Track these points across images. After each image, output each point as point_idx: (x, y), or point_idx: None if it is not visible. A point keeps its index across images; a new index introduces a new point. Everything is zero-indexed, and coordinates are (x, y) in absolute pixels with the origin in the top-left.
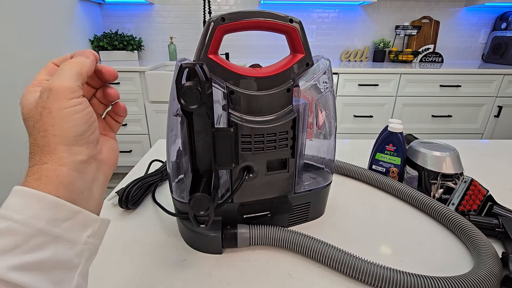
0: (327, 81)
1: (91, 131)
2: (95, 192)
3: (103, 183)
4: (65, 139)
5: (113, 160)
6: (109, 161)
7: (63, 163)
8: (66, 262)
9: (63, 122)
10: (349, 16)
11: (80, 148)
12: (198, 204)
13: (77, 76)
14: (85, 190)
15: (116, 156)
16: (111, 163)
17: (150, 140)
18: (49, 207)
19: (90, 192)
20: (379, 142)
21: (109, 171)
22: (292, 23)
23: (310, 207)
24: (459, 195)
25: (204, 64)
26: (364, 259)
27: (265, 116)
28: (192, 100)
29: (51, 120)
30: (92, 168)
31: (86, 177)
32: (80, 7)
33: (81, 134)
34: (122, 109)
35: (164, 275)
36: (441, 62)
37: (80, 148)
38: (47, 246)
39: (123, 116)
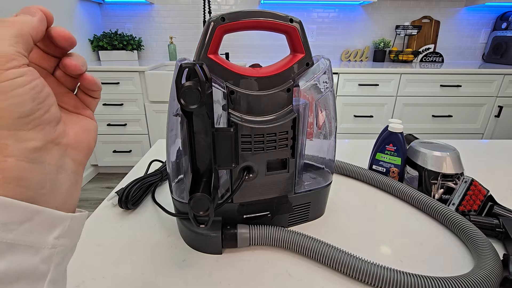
0: (327, 81)
1: (44, 110)
2: (63, 184)
3: (75, 171)
4: (6, 122)
5: (86, 143)
6: (79, 145)
7: (8, 153)
8: (31, 272)
9: (0, 100)
10: (349, 16)
11: (30, 132)
12: (198, 204)
13: (16, 39)
14: (47, 184)
15: (90, 137)
16: (82, 147)
17: (150, 140)
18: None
19: (55, 185)
20: (379, 142)
21: (80, 156)
22: (292, 23)
23: (310, 207)
24: (459, 195)
25: (204, 64)
26: (364, 259)
27: (265, 116)
28: (192, 100)
29: None
30: (53, 156)
31: (45, 168)
32: (80, 7)
33: (29, 114)
34: (90, 82)
35: (164, 275)
36: (442, 62)
37: (30, 132)
38: (2, 256)
39: (96, 90)
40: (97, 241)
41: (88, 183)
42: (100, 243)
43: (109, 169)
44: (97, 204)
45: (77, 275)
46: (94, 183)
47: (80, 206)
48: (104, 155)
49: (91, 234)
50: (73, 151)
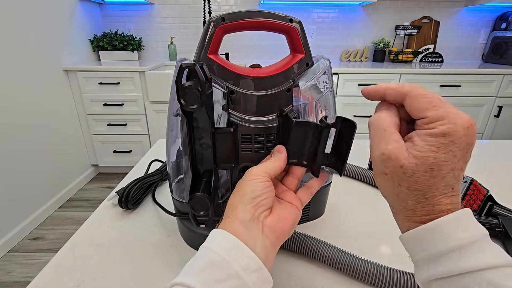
0: (327, 81)
1: (263, 198)
2: (260, 252)
3: (269, 249)
4: (245, 199)
5: (279, 228)
6: (273, 228)
7: (236, 216)
8: None
9: (246, 187)
10: (349, 16)
11: (250, 207)
12: (198, 204)
13: (266, 171)
14: (252, 247)
15: (285, 223)
16: (275, 230)
17: (150, 140)
18: (244, 256)
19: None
20: None
21: (272, 237)
22: (292, 23)
23: (310, 207)
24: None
25: (204, 64)
26: (364, 259)
27: (265, 116)
28: (192, 100)
29: (240, 185)
30: (256, 228)
31: (251, 234)
32: (80, 7)
33: (255, 197)
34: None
35: (164, 275)
36: (441, 62)
37: (250, 207)
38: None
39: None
40: (97, 241)
41: (88, 183)
42: (100, 243)
43: (109, 169)
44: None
45: (77, 275)
46: (94, 183)
47: (80, 206)
48: (104, 155)
49: (91, 234)
50: (268, 230)
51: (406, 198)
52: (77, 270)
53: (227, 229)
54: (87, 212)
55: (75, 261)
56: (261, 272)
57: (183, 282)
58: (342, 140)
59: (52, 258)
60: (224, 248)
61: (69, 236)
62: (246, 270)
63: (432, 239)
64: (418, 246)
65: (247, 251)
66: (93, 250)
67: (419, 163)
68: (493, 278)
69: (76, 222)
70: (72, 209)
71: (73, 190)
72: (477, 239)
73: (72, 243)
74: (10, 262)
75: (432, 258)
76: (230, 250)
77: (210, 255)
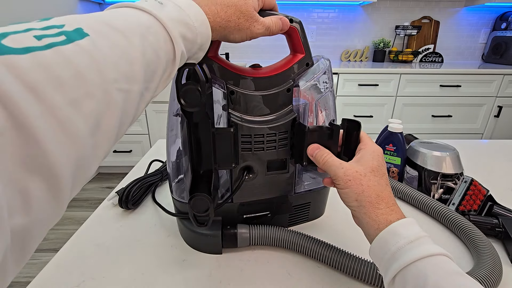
0: (327, 81)
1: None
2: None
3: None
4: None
5: None
6: None
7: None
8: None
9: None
10: (349, 16)
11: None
12: (198, 204)
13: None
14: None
15: None
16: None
17: (150, 140)
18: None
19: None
20: (379, 142)
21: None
22: (292, 23)
23: (310, 207)
24: (459, 195)
25: (204, 64)
26: (364, 259)
27: (265, 116)
28: (192, 100)
29: None
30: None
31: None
32: (80, 7)
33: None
34: None
35: (164, 275)
36: (441, 62)
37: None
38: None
39: None
40: (97, 241)
41: (88, 183)
42: (100, 243)
43: (109, 169)
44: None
45: (77, 275)
46: (94, 183)
47: (80, 206)
48: None
49: (91, 234)
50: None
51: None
52: (77, 270)
53: None
54: (87, 212)
55: (75, 261)
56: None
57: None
58: (350, 139)
59: (52, 258)
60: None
61: (69, 236)
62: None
63: (390, 240)
64: (383, 250)
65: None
66: (93, 250)
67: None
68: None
69: (76, 222)
70: (72, 209)
71: None
72: (422, 236)
73: (72, 243)
74: None
75: (393, 257)
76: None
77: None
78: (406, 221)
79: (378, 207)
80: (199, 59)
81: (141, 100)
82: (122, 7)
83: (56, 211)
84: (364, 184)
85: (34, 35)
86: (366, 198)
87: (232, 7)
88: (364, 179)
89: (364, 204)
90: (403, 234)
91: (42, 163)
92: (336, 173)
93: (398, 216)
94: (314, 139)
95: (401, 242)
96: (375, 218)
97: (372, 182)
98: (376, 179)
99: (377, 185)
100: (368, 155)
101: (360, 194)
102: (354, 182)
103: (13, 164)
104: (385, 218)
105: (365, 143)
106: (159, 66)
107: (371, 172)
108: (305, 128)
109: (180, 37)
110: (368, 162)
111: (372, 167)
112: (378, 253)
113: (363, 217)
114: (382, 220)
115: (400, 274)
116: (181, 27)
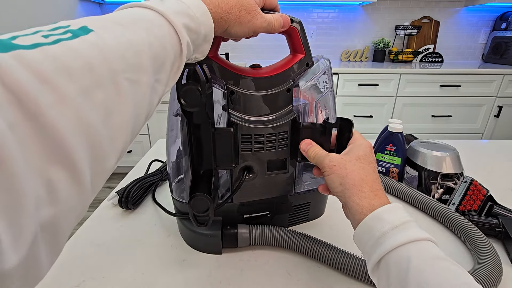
0: (327, 81)
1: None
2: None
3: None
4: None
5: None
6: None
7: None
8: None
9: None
10: (349, 16)
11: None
12: (198, 204)
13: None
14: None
15: None
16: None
17: (150, 140)
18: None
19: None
20: (379, 142)
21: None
22: (292, 23)
23: (310, 207)
24: (459, 195)
25: (205, 64)
26: (364, 258)
27: (265, 116)
28: (192, 100)
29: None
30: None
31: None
32: (80, 7)
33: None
34: None
35: (164, 275)
36: (441, 62)
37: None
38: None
39: None
40: (97, 241)
41: None
42: (100, 243)
43: None
44: (97, 204)
45: (77, 275)
46: None
47: None
48: None
49: (91, 234)
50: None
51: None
52: (77, 270)
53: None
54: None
55: (75, 261)
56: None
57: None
58: (343, 136)
59: None
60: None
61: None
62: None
63: (375, 225)
64: (367, 235)
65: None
66: (93, 250)
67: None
68: (412, 249)
69: None
70: None
71: None
72: (407, 221)
73: (72, 243)
74: None
75: (377, 242)
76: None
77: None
78: (391, 206)
79: (361, 190)
80: (205, 53)
81: (153, 92)
82: (125, 9)
83: (82, 202)
84: (348, 168)
85: (42, 35)
86: (349, 181)
87: (233, 0)
88: (348, 164)
89: (347, 187)
90: (387, 219)
91: (61, 152)
92: (323, 161)
93: (381, 201)
94: (308, 136)
95: (386, 227)
96: (358, 202)
97: (357, 167)
98: (361, 165)
99: (361, 170)
100: (355, 147)
101: (344, 178)
102: (338, 167)
103: (34, 156)
104: (368, 202)
105: (354, 138)
106: (167, 58)
107: (357, 160)
108: (300, 125)
109: (183, 28)
110: (355, 153)
111: (358, 156)
112: (362, 239)
113: (348, 201)
114: (365, 204)
115: (384, 260)
116: (183, 18)
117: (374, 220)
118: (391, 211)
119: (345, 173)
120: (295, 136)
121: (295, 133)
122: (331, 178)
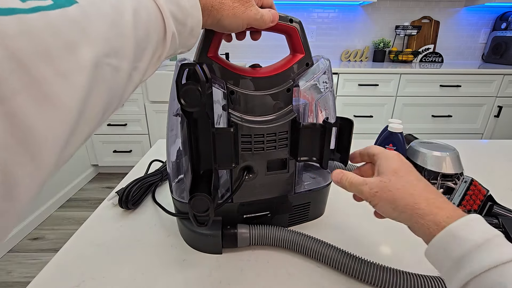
0: (327, 81)
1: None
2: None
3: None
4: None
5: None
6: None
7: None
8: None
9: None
10: (349, 16)
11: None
12: (198, 204)
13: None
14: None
15: None
16: None
17: (150, 140)
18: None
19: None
20: (379, 142)
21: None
22: (292, 23)
23: (310, 207)
24: (459, 195)
25: (204, 64)
26: (364, 259)
27: (265, 116)
28: (192, 100)
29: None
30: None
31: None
32: None
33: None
34: None
35: (164, 275)
36: (441, 62)
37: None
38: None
39: None
40: (97, 241)
41: (88, 183)
42: (100, 243)
43: (109, 169)
44: (97, 204)
45: (77, 275)
46: (94, 183)
47: (80, 206)
48: (104, 155)
49: (91, 234)
50: None
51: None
52: (77, 270)
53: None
54: (87, 212)
55: (75, 261)
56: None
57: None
58: (343, 136)
59: (52, 258)
60: None
61: (69, 236)
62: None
63: (449, 246)
64: (442, 255)
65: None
66: (93, 250)
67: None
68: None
69: (76, 222)
70: (72, 209)
71: (73, 190)
72: (492, 237)
73: (72, 243)
74: (10, 262)
75: (457, 265)
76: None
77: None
78: (467, 220)
79: (418, 207)
80: (190, 47)
81: (129, 80)
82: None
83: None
84: (393, 189)
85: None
86: (400, 202)
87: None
88: (390, 184)
89: (402, 210)
90: (465, 237)
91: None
92: (362, 190)
93: (448, 213)
94: (308, 136)
95: (465, 247)
96: (421, 222)
97: (400, 184)
98: (402, 179)
99: (406, 184)
100: (384, 162)
101: (393, 202)
102: (381, 192)
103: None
104: (432, 219)
105: (376, 153)
106: (149, 45)
107: (394, 175)
108: (300, 125)
109: (170, 16)
110: (388, 168)
111: (394, 169)
112: (436, 259)
113: (410, 224)
114: (430, 223)
115: (471, 286)
116: (172, 6)
117: (447, 239)
118: (467, 225)
119: (392, 196)
120: (295, 136)
121: (295, 133)
122: (380, 207)
